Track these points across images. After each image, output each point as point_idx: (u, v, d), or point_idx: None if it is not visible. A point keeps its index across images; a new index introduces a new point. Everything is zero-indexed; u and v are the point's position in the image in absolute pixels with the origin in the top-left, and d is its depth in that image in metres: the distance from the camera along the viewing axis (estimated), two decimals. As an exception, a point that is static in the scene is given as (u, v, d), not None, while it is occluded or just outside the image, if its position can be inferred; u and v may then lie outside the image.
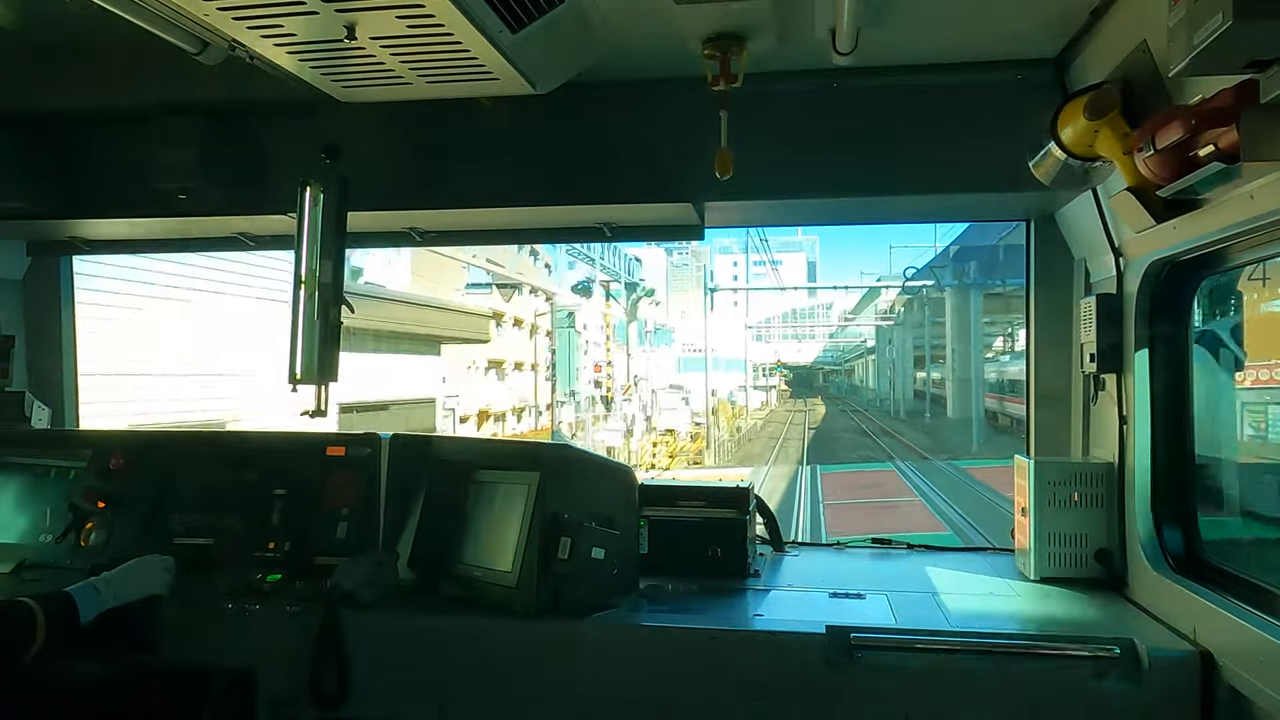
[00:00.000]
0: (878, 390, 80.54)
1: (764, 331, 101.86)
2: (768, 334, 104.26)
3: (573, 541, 2.91)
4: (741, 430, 56.31)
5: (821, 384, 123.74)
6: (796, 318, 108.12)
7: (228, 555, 3.40)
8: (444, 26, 2.58)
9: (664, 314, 74.14)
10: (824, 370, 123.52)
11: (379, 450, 3.53)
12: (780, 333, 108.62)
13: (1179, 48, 1.94)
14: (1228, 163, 2.09)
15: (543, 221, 4.06)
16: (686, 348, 71.56)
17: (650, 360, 57.18)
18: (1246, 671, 2.43)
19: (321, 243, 3.45)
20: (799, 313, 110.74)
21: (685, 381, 60.60)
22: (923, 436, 47.14)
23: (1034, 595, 3.28)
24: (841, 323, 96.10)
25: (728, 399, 63.56)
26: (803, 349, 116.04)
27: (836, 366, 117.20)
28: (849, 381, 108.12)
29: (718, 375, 55.86)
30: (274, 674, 2.98)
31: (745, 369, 70.45)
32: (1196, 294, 3.08)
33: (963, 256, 45.22)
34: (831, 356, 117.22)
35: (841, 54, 2.93)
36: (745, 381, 71.78)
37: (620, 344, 46.16)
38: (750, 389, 74.09)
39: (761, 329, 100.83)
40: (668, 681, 2.83)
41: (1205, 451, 3.20)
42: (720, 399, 57.97)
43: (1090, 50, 2.97)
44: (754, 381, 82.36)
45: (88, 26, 2.90)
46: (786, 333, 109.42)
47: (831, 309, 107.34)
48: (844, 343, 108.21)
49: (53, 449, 3.81)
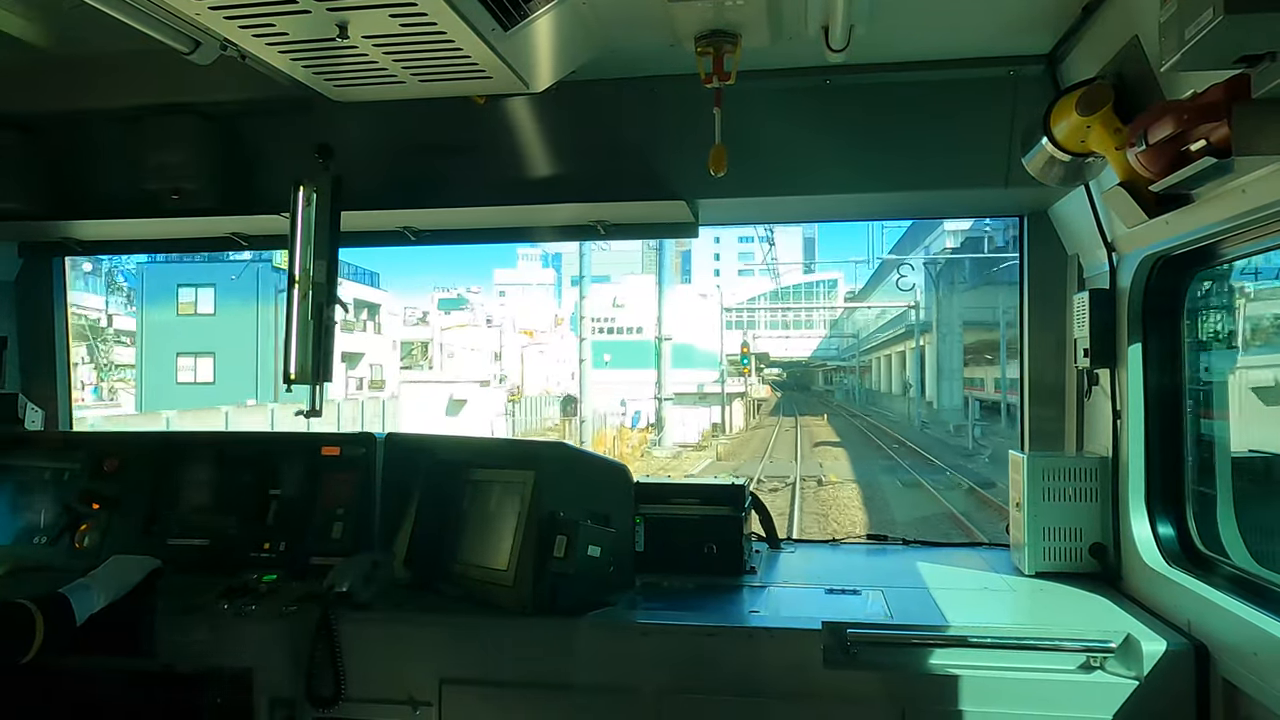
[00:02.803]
0: (912, 396, 53.37)
1: (747, 318, 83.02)
2: (752, 320, 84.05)
3: (569, 540, 2.91)
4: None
5: (824, 386, 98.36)
6: (792, 298, 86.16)
7: (223, 556, 3.39)
8: (436, 25, 2.58)
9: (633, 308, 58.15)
10: (826, 367, 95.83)
11: (374, 449, 3.53)
12: (768, 320, 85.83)
13: (1170, 43, 1.94)
14: (1219, 157, 2.10)
15: (536, 220, 4.06)
16: (602, 327, 52.41)
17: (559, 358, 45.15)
18: (1241, 664, 2.44)
19: (315, 242, 3.44)
20: (797, 290, 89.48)
21: (609, 384, 44.60)
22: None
23: (1029, 589, 3.30)
24: (846, 305, 74.14)
25: (631, 421, 43.58)
26: (793, 342, 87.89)
27: (844, 362, 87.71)
28: (862, 384, 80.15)
29: (683, 374, 45.13)
30: (271, 674, 2.98)
31: (719, 363, 50.41)
32: (1189, 288, 3.10)
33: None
34: (836, 349, 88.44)
35: (835, 51, 2.93)
36: (719, 381, 49.60)
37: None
38: (711, 395, 49.65)
39: (745, 315, 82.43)
40: (665, 679, 2.84)
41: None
42: (619, 423, 40.84)
43: (1082, 46, 2.98)
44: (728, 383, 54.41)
45: (79, 27, 2.90)
46: (774, 320, 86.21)
47: (836, 289, 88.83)
48: (858, 330, 78.17)
49: (46, 451, 3.80)
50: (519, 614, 2.93)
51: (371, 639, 2.96)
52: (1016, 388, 10.44)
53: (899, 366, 65.12)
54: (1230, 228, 2.49)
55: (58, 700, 3.00)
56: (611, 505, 3.21)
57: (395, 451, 3.54)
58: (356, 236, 4.16)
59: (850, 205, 3.99)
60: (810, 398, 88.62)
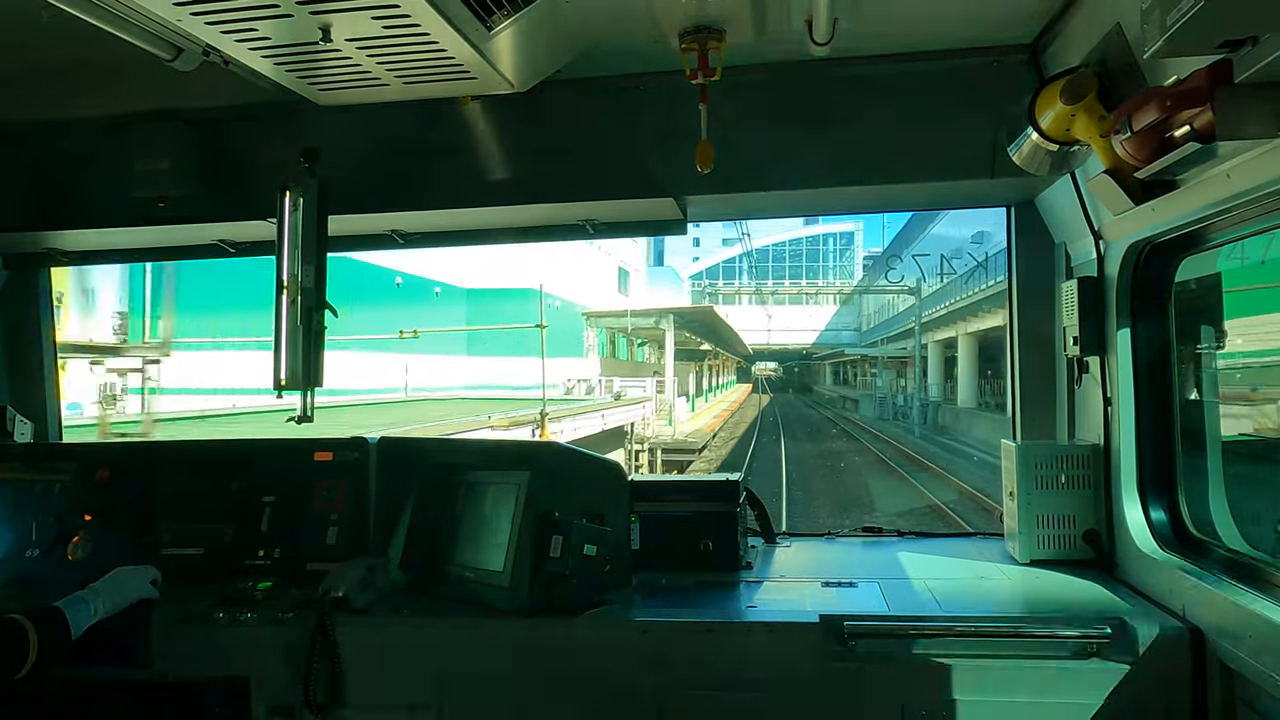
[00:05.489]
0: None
1: (722, 290, 61.44)
2: (731, 293, 61.40)
3: (565, 539, 2.91)
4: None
5: (832, 388, 67.02)
6: (787, 265, 59.07)
7: (218, 564, 3.38)
8: (420, 26, 2.57)
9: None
10: (840, 359, 64.68)
11: (367, 454, 3.52)
12: (749, 297, 61.08)
13: (1153, 30, 1.95)
14: (1204, 142, 2.11)
15: (524, 220, 4.05)
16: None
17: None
18: (1236, 646, 2.46)
19: (303, 247, 3.43)
20: (793, 251, 62.72)
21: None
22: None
23: (1024, 578, 3.31)
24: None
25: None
26: (789, 317, 59.87)
27: (874, 350, 55.03)
28: (901, 388, 48.83)
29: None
30: (269, 682, 2.96)
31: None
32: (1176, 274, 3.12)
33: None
34: (849, 334, 59.95)
35: (819, 44, 2.93)
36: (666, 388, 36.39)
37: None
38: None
39: (706, 286, 62.00)
40: (664, 675, 2.84)
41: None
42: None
43: (1065, 35, 2.99)
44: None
45: (60, 35, 2.87)
46: (752, 296, 60.50)
47: (851, 247, 62.46)
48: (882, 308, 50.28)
49: (36, 463, 3.77)
50: (516, 615, 2.92)
51: (369, 644, 2.95)
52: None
53: (973, 356, 41.59)
54: (1215, 212, 2.51)
55: (54, 712, 2.98)
56: (606, 504, 3.21)
57: (388, 455, 3.53)
58: (344, 240, 4.15)
59: (838, 199, 3.99)
60: (812, 408, 55.10)
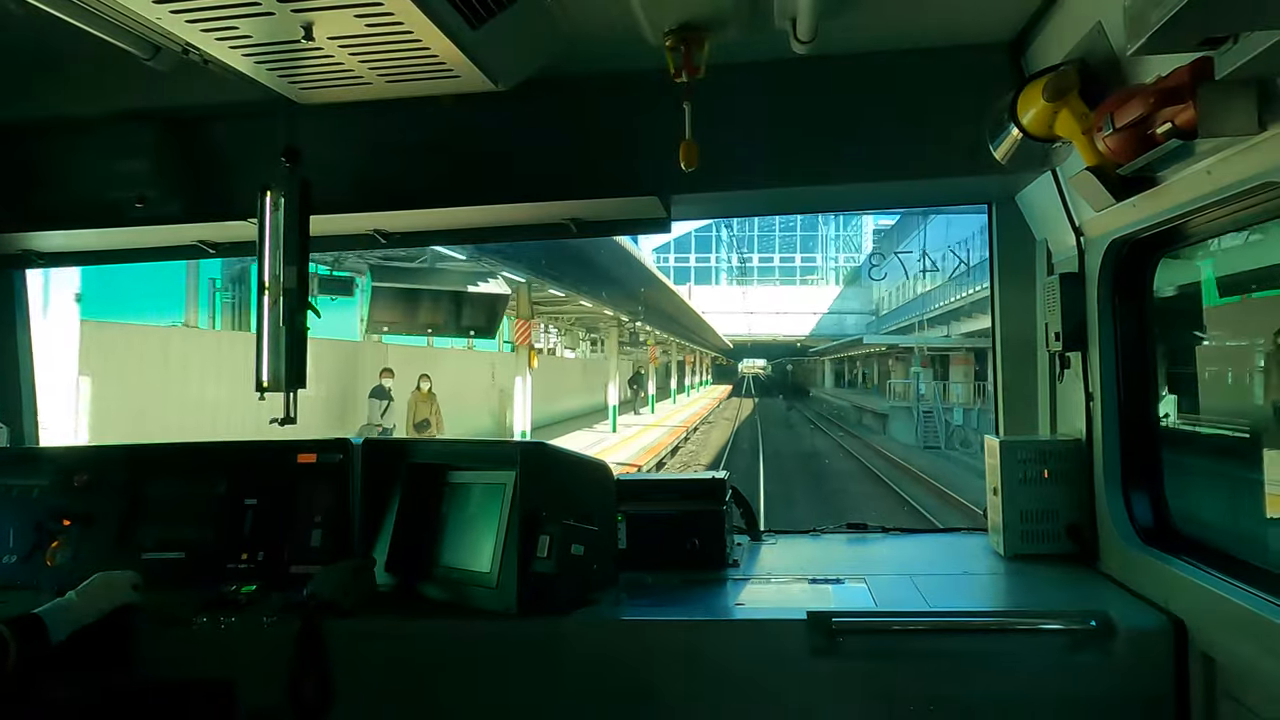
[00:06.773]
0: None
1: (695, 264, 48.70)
2: (703, 268, 49.79)
3: (551, 539, 2.90)
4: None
5: (834, 393, 50.90)
6: (776, 238, 46.76)
7: (200, 568, 3.34)
8: (403, 24, 2.55)
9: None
10: (852, 353, 49.99)
11: (351, 455, 3.50)
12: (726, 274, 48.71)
13: (1134, 27, 1.96)
14: (1185, 139, 2.14)
15: (508, 219, 4.03)
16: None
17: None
18: (1217, 638, 2.49)
19: (284, 248, 3.40)
20: (783, 220, 50.14)
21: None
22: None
23: (1008, 572, 3.33)
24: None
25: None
26: (781, 297, 47.88)
27: (893, 340, 44.92)
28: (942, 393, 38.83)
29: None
30: (254, 686, 2.93)
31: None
32: (1156, 270, 3.15)
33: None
34: (854, 320, 46.38)
35: (802, 43, 2.94)
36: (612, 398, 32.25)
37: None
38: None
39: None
40: (652, 674, 2.83)
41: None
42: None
43: (1047, 33, 3.01)
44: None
45: (33, 33, 2.83)
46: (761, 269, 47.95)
47: (858, 222, 49.22)
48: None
49: (13, 468, 3.72)
50: (503, 615, 2.91)
51: (355, 646, 2.93)
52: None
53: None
54: (1196, 209, 2.53)
55: (35, 718, 2.94)
56: (593, 503, 3.20)
57: (373, 456, 3.50)
58: (327, 240, 4.12)
59: (821, 197, 4.01)
60: (819, 431, 42.24)
